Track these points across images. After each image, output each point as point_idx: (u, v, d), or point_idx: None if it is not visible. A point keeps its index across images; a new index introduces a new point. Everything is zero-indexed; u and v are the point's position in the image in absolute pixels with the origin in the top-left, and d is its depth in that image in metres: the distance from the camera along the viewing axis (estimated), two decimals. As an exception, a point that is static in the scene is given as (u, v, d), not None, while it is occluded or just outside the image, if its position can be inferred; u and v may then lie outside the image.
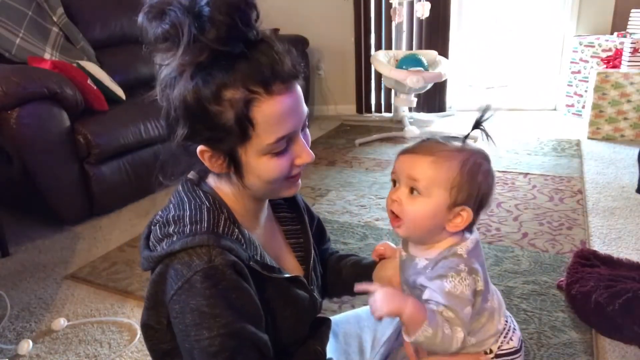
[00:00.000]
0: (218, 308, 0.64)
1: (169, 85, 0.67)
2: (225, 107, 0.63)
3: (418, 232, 0.74)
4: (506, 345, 0.78)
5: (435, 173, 0.70)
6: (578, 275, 1.54)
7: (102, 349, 1.46)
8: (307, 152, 0.71)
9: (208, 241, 0.65)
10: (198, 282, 0.63)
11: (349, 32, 3.90)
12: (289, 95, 0.66)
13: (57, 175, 2.12)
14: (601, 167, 2.67)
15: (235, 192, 0.75)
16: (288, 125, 0.67)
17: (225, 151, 0.68)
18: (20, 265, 1.95)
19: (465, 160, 0.70)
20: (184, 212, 0.69)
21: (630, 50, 3.01)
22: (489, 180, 0.73)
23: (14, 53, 2.42)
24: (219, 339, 0.64)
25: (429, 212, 0.71)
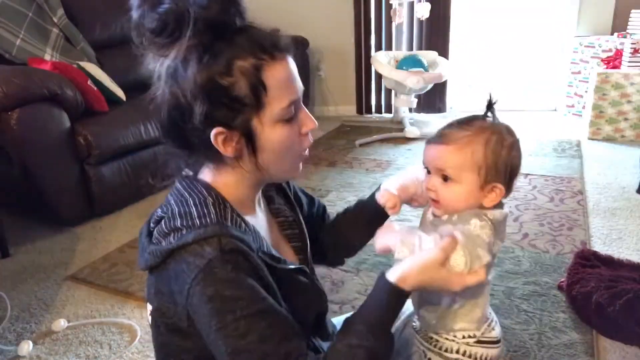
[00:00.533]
0: (238, 290, 0.64)
1: (174, 75, 0.67)
2: (237, 77, 0.65)
3: (457, 211, 0.78)
4: (488, 334, 0.82)
5: (461, 159, 0.74)
6: (579, 275, 1.54)
7: (103, 350, 1.46)
8: (311, 119, 0.75)
9: (220, 231, 0.65)
10: (215, 267, 0.63)
11: (349, 33, 3.90)
12: (289, 62, 0.71)
13: (57, 176, 2.12)
14: (602, 168, 2.67)
15: (237, 179, 0.75)
16: (295, 89, 0.71)
17: (240, 128, 0.69)
18: (21, 266, 1.95)
19: (487, 141, 0.74)
20: (190, 207, 0.69)
21: (630, 50, 3.01)
22: (514, 152, 0.76)
23: (15, 54, 2.42)
24: (243, 320, 0.63)
25: (464, 195, 0.76)
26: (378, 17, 3.81)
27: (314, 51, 3.88)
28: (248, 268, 0.66)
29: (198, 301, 0.64)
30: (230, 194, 0.74)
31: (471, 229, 0.72)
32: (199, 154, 0.74)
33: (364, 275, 1.72)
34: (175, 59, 0.66)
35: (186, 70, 0.65)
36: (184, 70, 0.66)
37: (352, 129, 3.75)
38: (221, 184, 0.75)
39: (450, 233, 0.72)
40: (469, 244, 0.70)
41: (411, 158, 2.98)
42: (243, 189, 0.76)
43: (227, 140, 0.69)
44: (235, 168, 0.74)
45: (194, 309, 0.65)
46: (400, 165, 2.88)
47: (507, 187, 0.77)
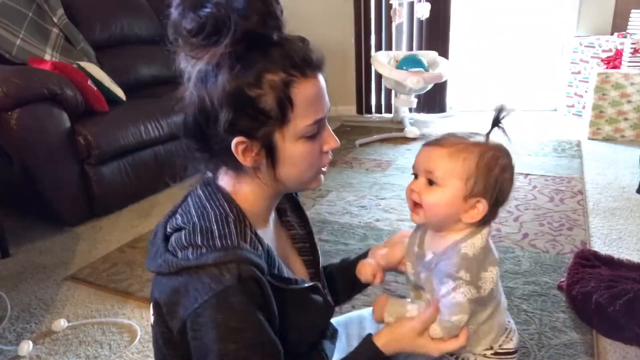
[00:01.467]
0: (246, 322, 0.65)
1: (204, 79, 0.67)
2: (266, 90, 0.66)
3: (435, 220, 0.76)
4: (506, 345, 0.80)
5: (451, 164, 0.73)
6: (579, 275, 1.54)
7: (103, 350, 1.46)
8: (334, 138, 0.75)
9: (240, 256, 0.65)
10: (229, 295, 0.63)
11: (349, 33, 3.90)
12: (319, 80, 0.71)
13: (57, 176, 2.12)
14: (602, 168, 2.67)
15: (255, 190, 0.75)
16: (321, 107, 0.71)
17: (262, 139, 0.68)
18: (21, 266, 1.95)
19: (482, 153, 0.72)
20: (211, 224, 0.69)
21: (630, 50, 3.01)
22: (507, 175, 0.73)
23: (15, 54, 2.42)
24: (244, 351, 0.64)
25: (445, 200, 0.73)
26: (378, 17, 3.81)
27: (314, 51, 3.88)
28: (260, 299, 0.67)
29: (205, 323, 0.64)
30: (248, 206, 0.74)
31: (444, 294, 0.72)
32: (218, 159, 0.74)
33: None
34: (208, 64, 0.66)
35: (217, 76, 0.66)
36: (215, 76, 0.66)
37: (352, 129, 3.75)
38: (241, 194, 0.75)
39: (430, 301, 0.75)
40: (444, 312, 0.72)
41: (411, 158, 2.96)
42: (261, 201, 0.76)
43: (247, 151, 0.69)
44: (254, 178, 0.74)
45: (197, 327, 0.65)
46: (400, 165, 2.88)
47: (493, 208, 0.74)
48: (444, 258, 0.73)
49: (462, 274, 0.70)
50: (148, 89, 2.93)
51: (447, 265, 0.72)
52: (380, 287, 1.65)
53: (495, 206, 0.74)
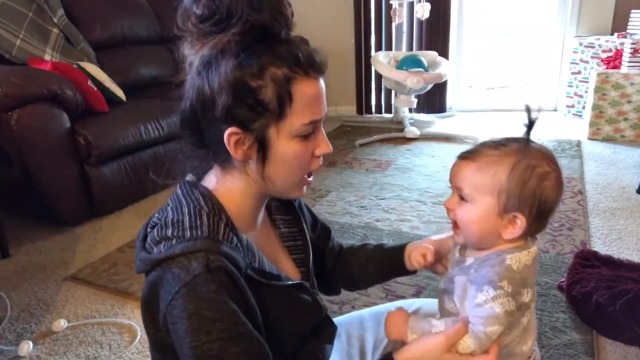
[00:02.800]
0: (218, 312, 0.63)
1: (207, 65, 0.67)
2: (267, 82, 0.66)
3: (473, 238, 0.72)
4: None
5: (479, 179, 0.69)
6: (579, 276, 1.54)
7: (103, 350, 1.46)
8: (326, 143, 0.74)
9: (209, 246, 0.65)
10: (198, 285, 0.63)
11: (349, 33, 3.90)
12: (320, 83, 0.71)
13: (57, 177, 2.12)
14: (601, 168, 2.67)
15: (240, 188, 0.74)
16: (319, 109, 0.71)
17: (256, 132, 0.68)
18: (21, 266, 1.95)
19: (514, 165, 0.67)
20: (183, 216, 0.69)
21: (630, 50, 3.01)
22: (548, 183, 0.68)
23: (15, 54, 2.42)
24: (218, 343, 0.63)
25: (477, 218, 0.69)
26: (378, 17, 3.81)
27: (314, 51, 3.88)
28: (232, 289, 0.65)
29: (178, 314, 0.64)
30: (232, 204, 0.73)
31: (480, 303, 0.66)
32: (208, 151, 0.73)
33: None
34: (212, 49, 0.66)
35: (220, 63, 0.66)
36: (218, 63, 0.66)
37: (352, 129, 3.75)
38: (224, 192, 0.74)
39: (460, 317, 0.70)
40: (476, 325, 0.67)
41: (411, 158, 2.98)
42: (246, 200, 0.76)
43: (239, 143, 0.69)
44: (242, 174, 0.73)
45: (173, 319, 0.65)
46: (400, 165, 2.88)
47: (536, 221, 0.68)
48: (486, 264, 0.69)
49: (504, 283, 0.66)
50: (148, 89, 2.93)
51: (489, 272, 0.67)
52: (380, 287, 1.65)
53: (540, 218, 0.69)
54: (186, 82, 0.71)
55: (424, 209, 2.28)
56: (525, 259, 0.68)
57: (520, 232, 0.68)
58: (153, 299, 0.68)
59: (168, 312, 0.65)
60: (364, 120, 4.00)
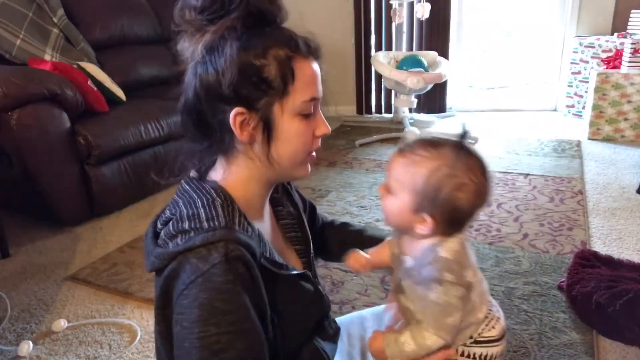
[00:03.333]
0: (230, 304, 0.63)
1: (211, 48, 0.69)
2: (270, 61, 0.68)
3: (393, 225, 0.78)
4: (487, 333, 0.78)
5: (402, 175, 0.73)
6: (579, 276, 1.54)
7: (103, 350, 1.46)
8: (325, 124, 0.77)
9: (228, 236, 0.65)
10: (215, 275, 0.63)
11: (349, 33, 3.90)
12: (317, 66, 0.74)
13: (57, 177, 2.12)
14: (602, 168, 2.67)
15: (246, 176, 0.75)
16: (318, 88, 0.74)
17: (261, 111, 0.70)
18: (21, 266, 1.95)
19: (434, 170, 0.70)
20: (198, 209, 0.69)
21: (630, 50, 3.01)
22: (462, 195, 0.70)
23: (15, 54, 2.42)
24: (226, 336, 0.63)
25: (394, 210, 0.75)
26: (378, 17, 3.81)
27: (314, 51, 3.88)
28: (247, 280, 0.65)
29: (189, 303, 0.63)
30: (239, 194, 0.74)
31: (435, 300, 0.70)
32: (211, 143, 0.74)
33: (364, 275, 1.73)
34: (214, 35, 0.68)
35: (223, 46, 0.68)
36: (221, 46, 0.68)
37: (352, 129, 3.75)
38: (231, 182, 0.75)
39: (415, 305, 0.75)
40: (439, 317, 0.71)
41: (411, 158, 2.97)
42: (253, 187, 0.76)
43: (245, 124, 0.70)
44: (247, 160, 0.74)
45: (181, 309, 0.64)
46: (400, 165, 2.88)
47: (448, 225, 0.72)
48: (424, 264, 0.72)
49: (446, 275, 0.70)
50: (148, 89, 2.93)
51: (430, 271, 0.71)
52: (380, 287, 1.65)
53: (452, 223, 0.72)
54: (186, 75, 0.72)
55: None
56: (454, 246, 0.72)
57: (428, 232, 0.72)
58: (168, 293, 0.67)
59: (178, 302, 0.64)
60: (364, 120, 4.00)
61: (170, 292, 0.67)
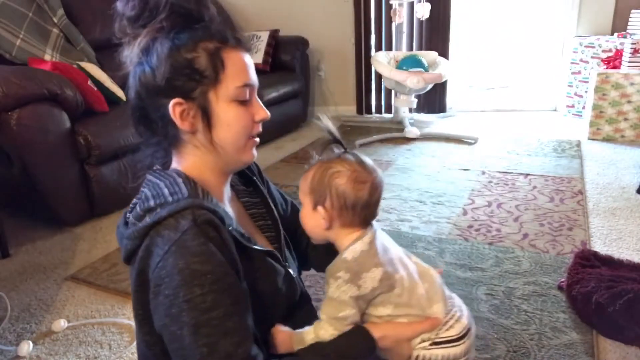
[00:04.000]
0: (208, 264, 0.66)
1: (145, 50, 0.74)
2: (200, 53, 0.73)
3: (312, 234, 0.85)
4: (444, 333, 0.80)
5: (302, 184, 0.84)
6: (579, 276, 1.54)
7: (103, 350, 1.46)
8: (264, 110, 0.81)
9: (193, 203, 0.69)
10: (187, 240, 0.66)
11: (349, 33, 3.90)
12: (246, 55, 0.79)
13: (57, 177, 2.12)
14: (601, 168, 2.67)
15: (198, 164, 0.79)
16: (249, 75, 0.78)
17: (198, 100, 0.74)
18: (21, 266, 1.95)
19: (317, 168, 0.81)
20: (162, 189, 0.73)
21: (630, 50, 3.01)
22: (339, 180, 0.79)
23: (15, 54, 2.42)
24: (211, 295, 0.65)
25: (304, 216, 0.84)
26: (378, 17, 3.81)
27: (314, 51, 3.88)
28: (219, 242, 0.69)
29: (168, 272, 0.65)
30: (197, 178, 0.77)
31: (330, 294, 0.78)
32: (160, 136, 0.78)
33: None
34: (147, 37, 0.73)
35: (155, 46, 0.73)
36: (154, 46, 0.73)
37: (352, 129, 3.75)
38: (187, 169, 0.79)
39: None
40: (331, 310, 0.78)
41: (411, 158, 2.98)
42: (206, 175, 0.79)
43: (185, 114, 0.74)
44: (194, 149, 0.78)
45: (159, 281, 0.66)
46: (400, 165, 2.88)
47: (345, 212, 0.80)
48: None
49: (341, 274, 0.76)
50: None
51: (330, 267, 0.79)
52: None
53: (347, 210, 0.79)
54: (128, 80, 0.77)
55: (424, 209, 2.28)
56: (359, 247, 0.79)
57: (327, 219, 0.80)
58: (144, 272, 0.69)
59: (155, 274, 0.67)
60: (364, 120, 4.00)
61: (146, 271, 0.69)
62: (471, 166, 2.79)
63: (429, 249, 1.90)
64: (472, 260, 1.80)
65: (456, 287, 1.63)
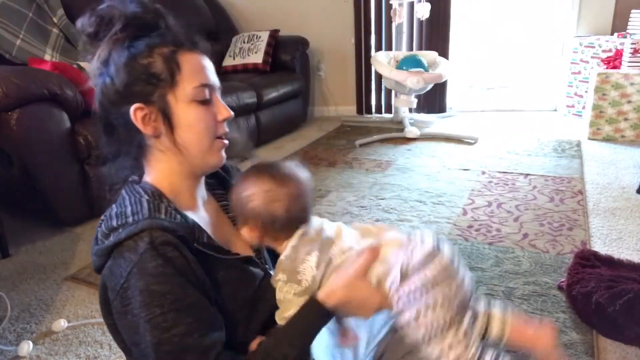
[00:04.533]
0: (166, 285, 0.67)
1: (105, 61, 0.76)
2: (156, 58, 0.75)
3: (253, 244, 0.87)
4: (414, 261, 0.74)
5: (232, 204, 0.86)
6: (579, 276, 1.54)
7: (103, 350, 1.46)
8: (226, 109, 0.82)
9: (150, 224, 0.70)
10: (146, 262, 0.67)
11: (349, 33, 3.90)
12: (203, 57, 0.80)
13: (57, 177, 2.12)
14: (601, 168, 2.67)
15: (167, 169, 0.80)
16: (208, 76, 0.79)
17: (157, 103, 0.75)
18: (21, 266, 1.95)
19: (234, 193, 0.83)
20: (125, 207, 0.75)
21: (630, 50, 3.01)
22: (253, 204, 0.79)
23: (15, 54, 2.42)
24: (171, 314, 0.67)
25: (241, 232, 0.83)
26: (378, 17, 3.82)
27: (314, 51, 3.88)
28: (180, 261, 0.69)
29: (132, 293, 0.67)
30: (166, 189, 0.78)
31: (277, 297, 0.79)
32: (125, 145, 0.80)
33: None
34: (105, 49, 0.76)
35: (113, 57, 0.75)
36: (112, 57, 0.75)
37: (352, 129, 3.75)
38: (156, 179, 0.80)
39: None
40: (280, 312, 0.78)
41: (411, 158, 2.98)
42: (176, 180, 0.80)
43: (147, 119, 0.76)
44: (161, 154, 0.79)
45: (127, 301, 0.68)
46: (400, 165, 2.88)
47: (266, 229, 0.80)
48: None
49: (279, 276, 0.78)
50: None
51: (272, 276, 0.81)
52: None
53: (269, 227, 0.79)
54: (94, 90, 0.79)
55: (424, 209, 2.28)
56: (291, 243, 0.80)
57: (258, 239, 0.81)
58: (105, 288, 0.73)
59: (120, 294, 0.69)
60: (364, 120, 4.00)
61: (106, 289, 0.72)
62: (471, 166, 2.79)
63: (429, 249, 1.90)
64: (472, 260, 1.80)
65: (456, 287, 1.63)
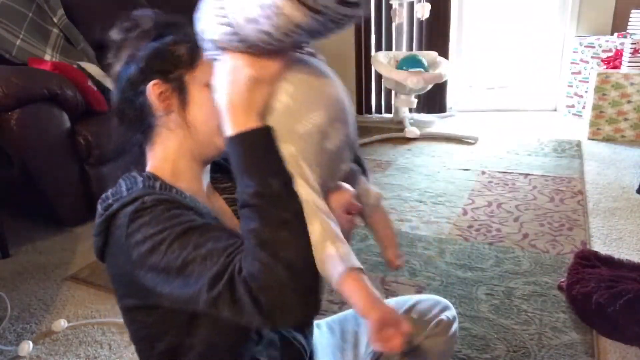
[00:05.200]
0: (160, 224, 0.68)
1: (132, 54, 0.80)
2: (180, 47, 0.79)
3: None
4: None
5: None
6: (579, 276, 1.54)
7: (103, 350, 1.46)
8: None
9: (143, 192, 0.71)
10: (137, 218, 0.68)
11: (349, 33, 3.89)
12: None
13: (57, 177, 2.12)
14: (602, 168, 2.67)
15: (172, 148, 0.80)
16: None
17: (174, 82, 0.78)
18: (21, 266, 1.95)
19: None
20: (120, 187, 0.76)
21: (630, 50, 3.01)
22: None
23: (15, 54, 2.42)
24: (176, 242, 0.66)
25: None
26: (378, 17, 3.81)
27: (314, 51, 3.88)
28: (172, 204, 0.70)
29: (136, 250, 0.68)
30: (169, 168, 0.79)
31: None
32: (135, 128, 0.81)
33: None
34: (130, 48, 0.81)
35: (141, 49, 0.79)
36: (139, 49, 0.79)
37: (352, 129, 3.74)
38: (160, 160, 0.80)
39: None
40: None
41: (411, 158, 2.98)
42: (180, 162, 0.80)
43: (162, 96, 0.78)
44: (169, 133, 0.79)
45: (137, 258, 0.68)
46: (400, 165, 2.88)
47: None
48: None
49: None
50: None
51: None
52: (380, 287, 1.65)
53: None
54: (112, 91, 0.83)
55: (424, 209, 2.28)
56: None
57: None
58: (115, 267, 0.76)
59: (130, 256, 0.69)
60: (364, 120, 4.00)
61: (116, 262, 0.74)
62: (471, 166, 2.79)
63: (429, 249, 1.90)
64: (472, 260, 1.80)
65: (456, 287, 1.64)
